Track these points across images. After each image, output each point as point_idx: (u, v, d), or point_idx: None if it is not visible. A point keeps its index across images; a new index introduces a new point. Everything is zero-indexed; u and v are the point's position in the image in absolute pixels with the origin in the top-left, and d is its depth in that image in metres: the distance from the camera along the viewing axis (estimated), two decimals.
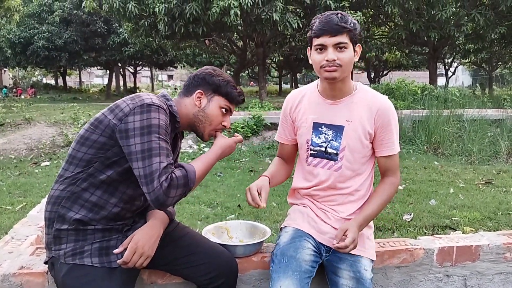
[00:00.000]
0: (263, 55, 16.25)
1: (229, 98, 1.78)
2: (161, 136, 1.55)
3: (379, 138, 1.83)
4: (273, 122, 9.49)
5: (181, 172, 1.59)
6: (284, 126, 2.04)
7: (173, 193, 1.53)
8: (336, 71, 1.72)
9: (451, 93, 10.83)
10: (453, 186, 5.71)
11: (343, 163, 1.84)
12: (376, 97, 1.85)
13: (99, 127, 1.60)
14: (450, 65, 32.34)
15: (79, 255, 1.58)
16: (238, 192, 5.39)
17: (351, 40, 1.72)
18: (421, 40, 15.90)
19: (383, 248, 1.98)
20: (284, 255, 1.72)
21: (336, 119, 1.84)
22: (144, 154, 1.52)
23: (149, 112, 1.55)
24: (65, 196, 1.61)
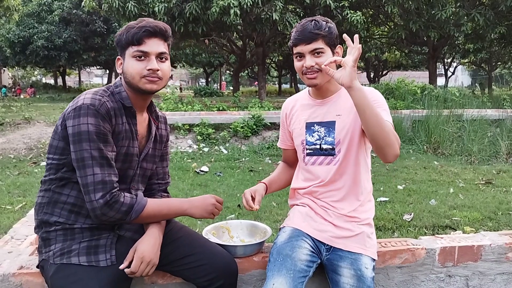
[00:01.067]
0: (262, 55, 16.26)
1: (133, 43, 1.59)
2: (92, 144, 1.49)
3: None
4: (273, 122, 9.49)
5: (131, 200, 1.58)
6: (283, 132, 2.13)
7: (111, 214, 1.53)
8: (316, 77, 1.80)
9: (450, 93, 10.84)
10: (453, 186, 5.70)
11: (341, 156, 1.86)
12: None
13: (57, 132, 1.60)
14: (450, 65, 32.37)
15: (66, 254, 1.55)
16: (238, 192, 5.38)
17: (328, 44, 1.79)
18: (421, 39, 15.93)
19: (385, 248, 1.96)
20: (280, 253, 1.72)
21: (326, 116, 1.89)
22: (79, 164, 1.50)
23: (78, 117, 1.50)
24: (45, 202, 1.62)
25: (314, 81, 1.82)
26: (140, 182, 1.75)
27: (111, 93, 1.62)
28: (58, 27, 25.40)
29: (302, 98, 2.02)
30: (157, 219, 1.69)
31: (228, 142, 9.04)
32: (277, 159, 7.77)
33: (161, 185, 1.89)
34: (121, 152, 1.61)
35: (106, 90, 1.62)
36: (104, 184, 1.50)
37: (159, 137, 1.82)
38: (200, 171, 6.66)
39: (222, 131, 9.22)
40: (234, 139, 9.18)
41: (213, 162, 7.51)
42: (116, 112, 1.59)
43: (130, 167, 1.67)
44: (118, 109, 1.60)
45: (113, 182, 1.53)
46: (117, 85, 1.66)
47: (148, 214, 1.62)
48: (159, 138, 1.81)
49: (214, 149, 8.62)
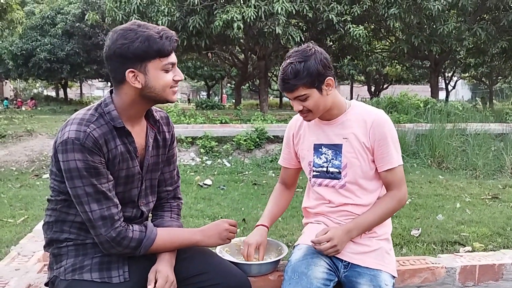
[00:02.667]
0: (265, 68, 16.31)
1: (161, 54, 1.44)
2: (84, 180, 1.43)
3: (377, 152, 1.81)
4: (276, 135, 9.45)
5: (139, 234, 1.54)
6: (287, 151, 2.08)
7: (119, 249, 1.51)
8: (308, 116, 1.81)
9: (453, 107, 10.82)
10: (460, 201, 5.64)
11: (346, 180, 1.84)
12: (370, 111, 1.85)
13: (53, 160, 1.53)
14: (450, 79, 32.45)
15: (78, 270, 1.50)
16: (242, 205, 5.32)
17: (311, 87, 1.73)
18: (422, 54, 15.99)
19: (403, 266, 1.92)
20: (295, 271, 1.68)
21: (333, 138, 1.86)
22: (76, 200, 1.47)
23: (66, 152, 1.42)
24: (53, 221, 1.58)
25: (307, 119, 1.84)
26: (149, 195, 1.70)
27: (100, 115, 1.48)
28: (61, 40, 25.54)
29: None
30: (167, 250, 1.64)
31: (231, 155, 9.00)
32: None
33: (169, 193, 1.80)
34: (121, 176, 1.54)
35: (93, 114, 1.48)
36: (104, 219, 1.46)
37: (162, 141, 1.67)
38: (204, 184, 6.61)
39: (225, 144, 9.19)
40: (237, 152, 9.14)
41: (216, 175, 7.46)
42: (107, 138, 1.47)
43: (133, 187, 1.61)
44: (109, 132, 1.47)
45: (113, 215, 1.48)
46: (106, 103, 1.50)
47: (157, 247, 1.59)
48: (161, 142, 1.67)
49: (217, 162, 8.58)
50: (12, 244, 3.61)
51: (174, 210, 1.80)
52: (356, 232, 1.76)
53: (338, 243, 1.69)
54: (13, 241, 3.87)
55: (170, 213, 1.78)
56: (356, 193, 1.84)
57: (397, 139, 1.84)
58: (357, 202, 1.84)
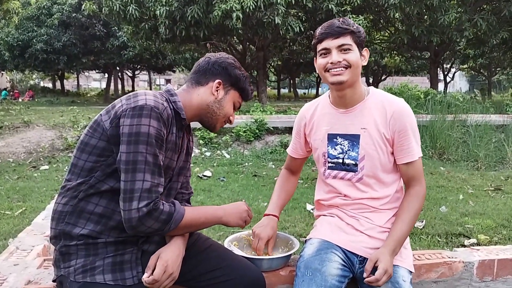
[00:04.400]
0: (263, 59, 16.19)
1: (243, 94, 1.68)
2: (149, 148, 1.38)
3: (397, 144, 1.71)
4: (276, 126, 9.39)
5: (170, 208, 1.45)
6: (296, 140, 1.99)
7: (149, 224, 1.40)
8: (342, 74, 1.66)
9: (454, 98, 10.75)
10: (462, 192, 5.61)
11: (364, 173, 1.75)
12: (390, 100, 1.75)
13: (97, 130, 1.46)
14: (449, 70, 32.37)
15: (90, 271, 1.42)
16: (243, 197, 5.27)
17: (356, 43, 1.68)
18: (422, 44, 15.86)
19: (420, 261, 1.85)
20: (308, 268, 1.60)
21: (350, 128, 1.76)
22: (128, 166, 1.37)
23: (140, 116, 1.38)
24: (68, 211, 1.47)
25: (340, 78, 1.66)
26: (170, 196, 1.63)
27: (166, 100, 1.52)
28: (57, 31, 25.27)
29: (322, 105, 1.88)
30: (194, 228, 1.58)
31: (230, 146, 8.93)
32: (281, 164, 7.66)
33: (184, 195, 1.77)
34: (163, 164, 1.49)
35: (162, 95, 1.54)
36: (150, 193, 1.37)
37: (190, 149, 1.73)
38: (203, 176, 6.55)
39: (224, 135, 9.11)
40: (237, 143, 9.07)
41: (215, 166, 7.40)
42: (172, 121, 1.50)
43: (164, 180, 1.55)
44: (173, 118, 1.52)
45: (158, 193, 1.41)
46: (171, 94, 1.58)
47: (186, 223, 1.49)
48: (190, 150, 1.72)
49: (217, 154, 8.51)
50: (10, 237, 3.55)
51: None
52: (399, 248, 1.66)
53: (390, 268, 1.56)
54: (11, 233, 3.81)
55: None
56: (373, 186, 1.76)
57: (417, 130, 1.75)
58: (373, 196, 1.76)
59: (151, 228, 1.40)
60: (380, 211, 1.76)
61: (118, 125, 1.39)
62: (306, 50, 18.31)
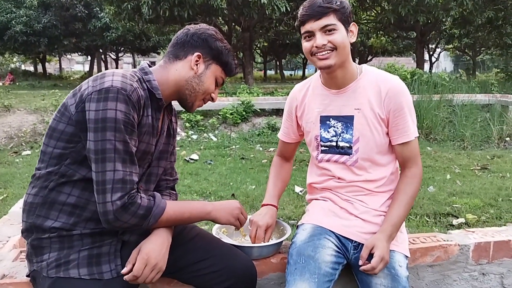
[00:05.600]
0: (249, 40, 15.98)
1: (226, 69, 1.53)
2: (118, 134, 1.26)
3: (392, 123, 1.63)
4: (262, 108, 9.31)
5: (148, 201, 1.35)
6: (288, 124, 1.90)
7: (125, 219, 1.29)
8: (329, 58, 1.56)
9: (440, 78, 10.75)
10: (449, 172, 5.62)
11: (358, 155, 1.66)
12: (385, 78, 1.66)
13: (65, 114, 1.32)
14: (434, 50, 32.44)
15: (64, 266, 1.31)
16: (231, 180, 5.20)
17: (341, 20, 1.56)
18: (408, 24, 15.81)
19: (414, 244, 1.79)
20: (301, 255, 1.52)
21: (343, 109, 1.67)
22: (97, 156, 1.26)
23: (105, 100, 1.25)
24: (39, 203, 1.35)
25: (327, 62, 1.56)
26: (150, 183, 1.52)
27: (139, 79, 1.39)
28: (37, 12, 24.56)
29: (313, 86, 1.78)
30: (178, 223, 1.47)
31: (217, 129, 8.83)
32: (268, 146, 7.60)
33: (169, 182, 1.66)
34: (139, 149, 1.38)
35: (133, 75, 1.38)
36: (124, 183, 1.27)
37: (172, 130, 1.60)
38: (190, 159, 6.46)
39: (211, 118, 9.00)
40: (223, 126, 8.97)
41: (202, 150, 7.31)
42: (145, 102, 1.37)
43: (141, 166, 1.44)
44: (147, 98, 1.39)
45: (133, 182, 1.30)
46: (145, 72, 1.44)
47: (168, 219, 1.39)
48: (172, 132, 1.59)
49: (203, 137, 8.40)
50: None
51: (173, 198, 1.65)
52: (396, 233, 1.58)
53: (386, 255, 1.49)
54: None
55: (169, 198, 1.62)
56: (368, 169, 1.68)
57: (413, 109, 1.66)
58: (368, 178, 1.68)
59: (127, 223, 1.30)
60: (375, 194, 1.69)
61: (84, 110, 1.27)
62: (292, 31, 18.14)
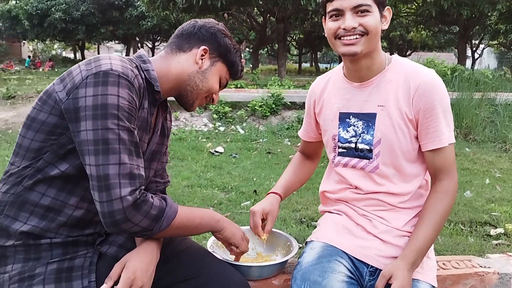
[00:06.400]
0: (283, 31, 15.70)
1: (232, 70, 1.39)
2: (121, 123, 1.10)
3: (422, 126, 1.38)
4: (293, 101, 9.06)
5: (160, 202, 1.17)
6: (307, 121, 1.70)
7: (136, 219, 1.11)
8: (357, 43, 1.33)
9: (483, 75, 10.18)
10: (489, 176, 5.24)
11: (380, 160, 1.42)
12: (416, 70, 1.40)
13: (48, 103, 1.15)
14: (477, 46, 31.14)
15: (27, 280, 1.14)
16: (254, 176, 5.02)
17: (376, 2, 1.34)
18: (451, 18, 15.12)
19: (445, 270, 1.54)
20: (306, 280, 1.29)
21: (365, 105, 1.44)
22: (98, 147, 1.08)
23: (105, 85, 1.09)
24: (8, 201, 1.18)
25: (353, 48, 1.33)
26: None
27: (136, 67, 1.23)
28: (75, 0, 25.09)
29: (335, 79, 1.56)
30: (187, 231, 1.30)
31: (245, 121, 8.65)
32: (297, 141, 7.36)
33: (159, 185, 1.48)
34: None
35: (132, 61, 1.24)
36: (133, 178, 1.10)
37: (166, 129, 1.44)
38: (215, 152, 6.33)
39: (239, 110, 8.83)
40: (252, 118, 8.78)
41: (228, 142, 7.16)
42: (144, 93, 1.22)
43: None
44: (144, 89, 1.23)
45: (142, 177, 1.14)
46: (143, 60, 1.28)
47: (179, 223, 1.21)
48: (166, 131, 1.44)
49: (231, 129, 8.25)
50: None
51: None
52: (420, 260, 1.33)
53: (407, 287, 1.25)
54: None
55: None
56: (391, 178, 1.43)
57: (449, 110, 1.41)
58: (391, 190, 1.43)
59: (138, 226, 1.12)
60: (398, 210, 1.44)
61: (77, 96, 1.09)
62: None
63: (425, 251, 1.34)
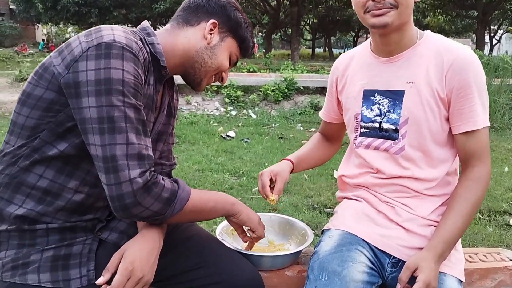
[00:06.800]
0: (297, 15, 15.46)
1: (243, 46, 1.28)
2: (127, 99, 1.00)
3: (455, 106, 1.25)
4: (306, 86, 8.93)
5: (172, 184, 1.08)
6: (329, 100, 1.58)
7: (147, 203, 1.02)
8: (387, 14, 1.21)
9: (502, 61, 9.89)
10: (508, 164, 5.10)
11: (406, 142, 1.30)
12: (450, 46, 1.27)
13: (44, 77, 1.04)
14: (496, 32, 30.44)
15: (21, 268, 1.05)
16: (266, 161, 4.94)
17: None
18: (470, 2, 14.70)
19: (472, 263, 1.42)
20: (324, 269, 1.20)
21: (393, 81, 1.32)
22: (103, 125, 0.98)
23: (108, 57, 0.99)
24: (3, 183, 1.08)
25: (383, 19, 1.21)
26: None
27: (140, 39, 1.13)
28: None
29: (360, 55, 1.44)
30: (200, 216, 1.22)
31: (257, 106, 8.55)
32: (310, 126, 7.25)
33: (164, 167, 1.36)
34: None
35: (136, 33, 1.13)
36: (141, 159, 1.01)
37: (173, 109, 1.33)
38: (227, 136, 6.25)
39: (252, 94, 8.73)
40: (264, 103, 8.67)
41: (240, 127, 7.08)
42: (149, 68, 1.12)
43: None
44: (149, 63, 1.13)
45: (151, 158, 1.05)
46: (148, 33, 1.17)
47: (193, 206, 1.12)
48: (173, 111, 1.33)
49: (242, 113, 8.16)
50: None
51: None
52: (448, 252, 1.21)
53: (434, 280, 1.15)
54: None
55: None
56: (418, 162, 1.31)
57: (485, 90, 1.27)
58: (417, 175, 1.30)
59: (149, 210, 1.03)
60: (423, 197, 1.32)
61: (77, 70, 0.99)
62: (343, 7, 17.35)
63: (454, 243, 1.23)
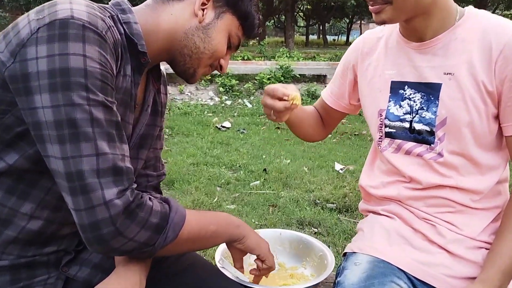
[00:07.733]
0: (292, 1, 15.16)
1: (246, 24, 0.97)
2: (92, 95, 0.73)
3: (507, 102, 1.01)
4: (302, 74, 8.76)
5: (161, 205, 0.83)
6: (340, 83, 1.30)
7: (131, 232, 0.77)
8: (382, 11, 1.00)
9: None
10: None
11: (444, 146, 1.07)
12: (501, 25, 1.01)
13: None
14: None
15: None
16: (263, 153, 4.74)
17: None
18: None
19: None
20: None
21: (427, 73, 1.08)
22: (62, 132, 0.72)
23: (64, 39, 0.72)
24: None
25: (379, 17, 1.01)
26: None
27: (112, 17, 0.85)
28: None
29: (388, 36, 1.18)
30: (199, 244, 0.95)
31: (253, 95, 8.33)
32: None
33: (151, 179, 1.09)
34: None
35: (105, 9, 0.85)
36: (118, 174, 0.76)
37: (160, 106, 1.06)
38: (222, 127, 6.05)
39: (247, 83, 8.51)
40: (260, 91, 8.46)
41: (236, 117, 6.87)
42: (123, 53, 0.85)
43: None
44: (124, 48, 0.86)
45: (131, 172, 0.80)
46: (122, 8, 0.89)
47: (190, 233, 0.87)
48: (160, 108, 1.05)
49: (238, 102, 7.94)
50: None
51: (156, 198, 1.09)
52: (507, 284, 0.97)
53: None
54: None
55: None
56: (460, 169, 1.07)
57: None
58: (461, 185, 1.07)
59: (134, 242, 0.79)
60: (471, 212, 1.09)
61: (25, 58, 0.73)
62: None
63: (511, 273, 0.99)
